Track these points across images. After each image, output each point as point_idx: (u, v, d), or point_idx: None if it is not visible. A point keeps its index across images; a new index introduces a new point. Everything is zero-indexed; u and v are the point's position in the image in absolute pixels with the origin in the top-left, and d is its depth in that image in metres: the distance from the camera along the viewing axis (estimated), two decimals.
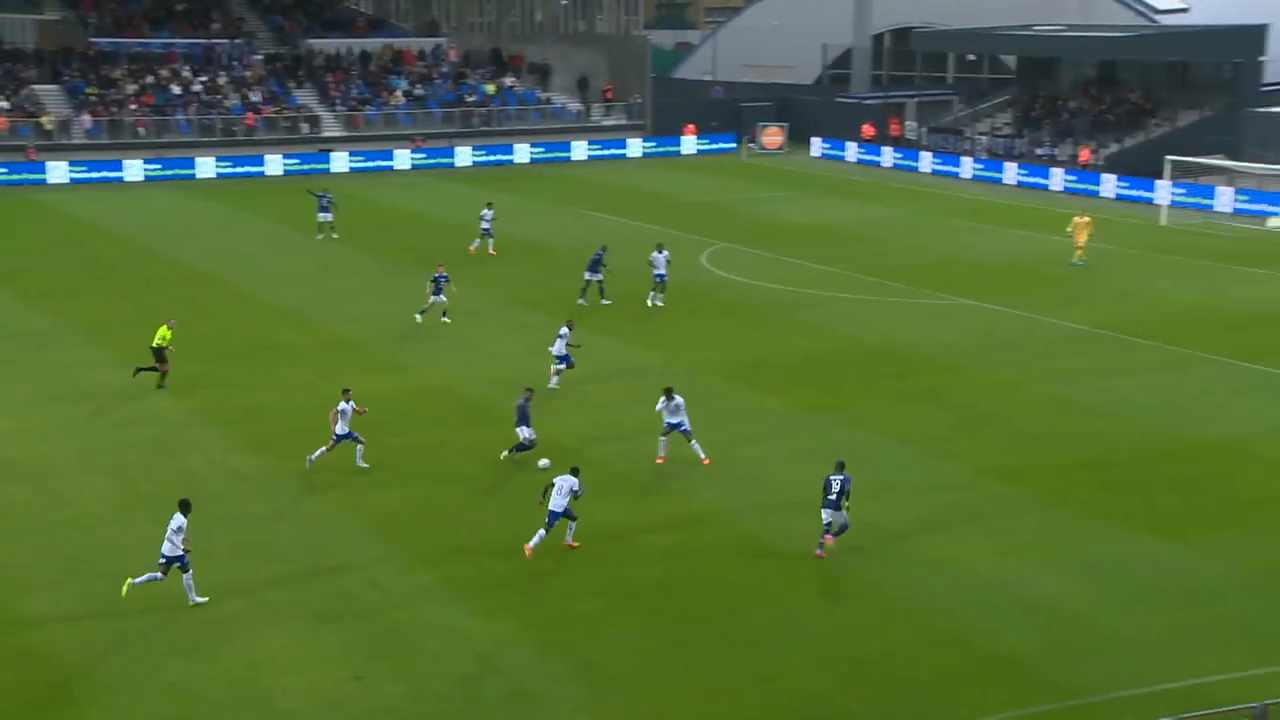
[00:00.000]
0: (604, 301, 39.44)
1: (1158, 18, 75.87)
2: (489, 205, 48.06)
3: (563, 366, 31.46)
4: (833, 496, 21.91)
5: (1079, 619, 19.93)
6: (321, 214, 50.71)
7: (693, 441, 26.25)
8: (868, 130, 76.04)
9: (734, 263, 44.71)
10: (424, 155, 72.18)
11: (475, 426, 29.02)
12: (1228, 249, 46.43)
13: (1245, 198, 53.89)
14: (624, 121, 79.33)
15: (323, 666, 18.84)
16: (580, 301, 39.40)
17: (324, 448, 26.05)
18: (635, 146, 76.81)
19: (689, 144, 78.28)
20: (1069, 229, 45.14)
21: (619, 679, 18.66)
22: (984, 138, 72.17)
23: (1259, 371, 31.89)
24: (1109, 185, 59.94)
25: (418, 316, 37.12)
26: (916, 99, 78.48)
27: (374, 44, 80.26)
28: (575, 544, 22.68)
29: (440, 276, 37.43)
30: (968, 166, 67.39)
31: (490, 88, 78.34)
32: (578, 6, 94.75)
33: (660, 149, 77.23)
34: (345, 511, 24.36)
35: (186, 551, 20.30)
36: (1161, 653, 18.89)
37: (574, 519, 22.54)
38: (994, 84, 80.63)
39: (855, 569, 21.78)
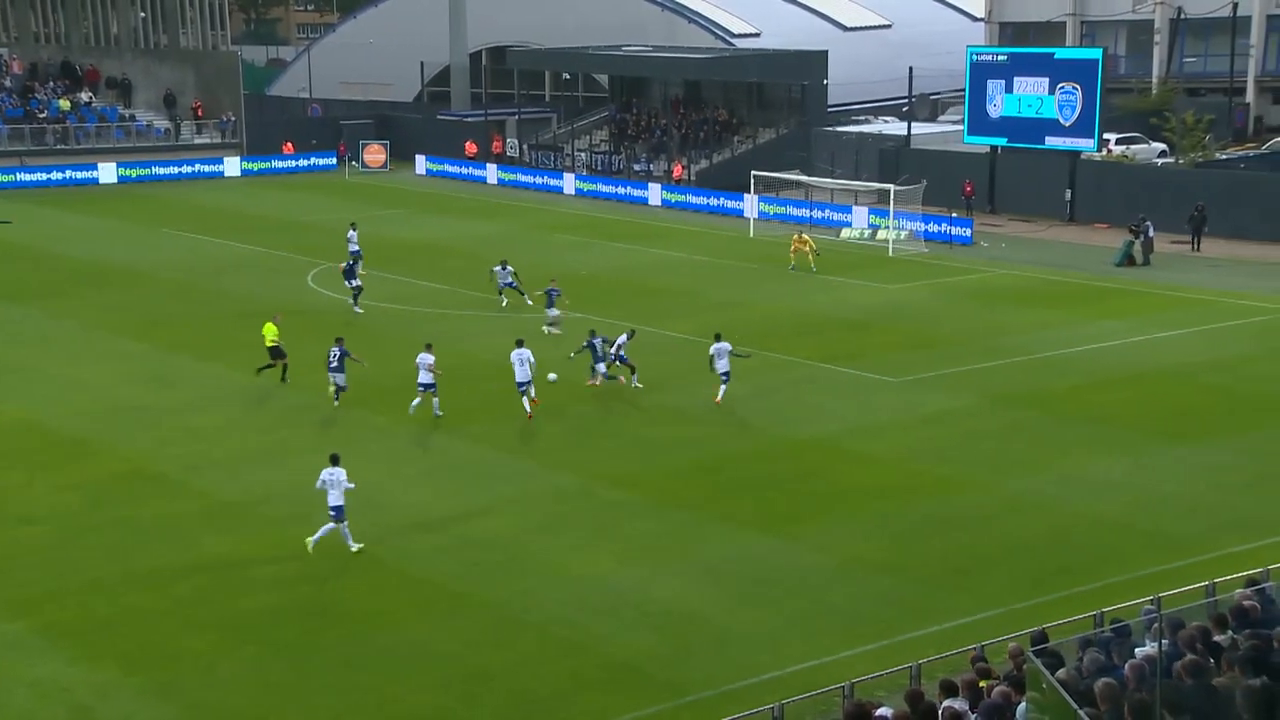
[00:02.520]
0: (356, 310, 39.72)
1: (734, 41, 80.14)
2: (353, 226, 46.63)
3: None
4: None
5: (694, 618, 20.66)
6: None
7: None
8: (470, 147, 76.47)
9: (341, 283, 43.88)
10: None
11: (67, 462, 27.23)
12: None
13: (821, 210, 57.66)
14: (218, 140, 76.42)
15: None
16: (357, 310, 39.49)
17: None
18: (233, 165, 74.17)
19: (289, 163, 76.35)
20: (791, 249, 47.37)
21: (233, 717, 17.89)
22: (583, 154, 74.01)
23: (839, 372, 34.12)
24: (701, 199, 62.73)
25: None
26: (517, 116, 79.61)
27: None
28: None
29: (553, 290, 37.76)
30: (570, 182, 68.91)
31: (64, 103, 73.67)
32: (158, 19, 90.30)
33: (259, 168, 74.92)
34: None
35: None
36: (769, 644, 19.82)
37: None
38: (590, 102, 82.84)
39: (478, 585, 21.77)
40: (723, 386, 30.55)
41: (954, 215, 54.06)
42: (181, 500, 25.23)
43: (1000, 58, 59.07)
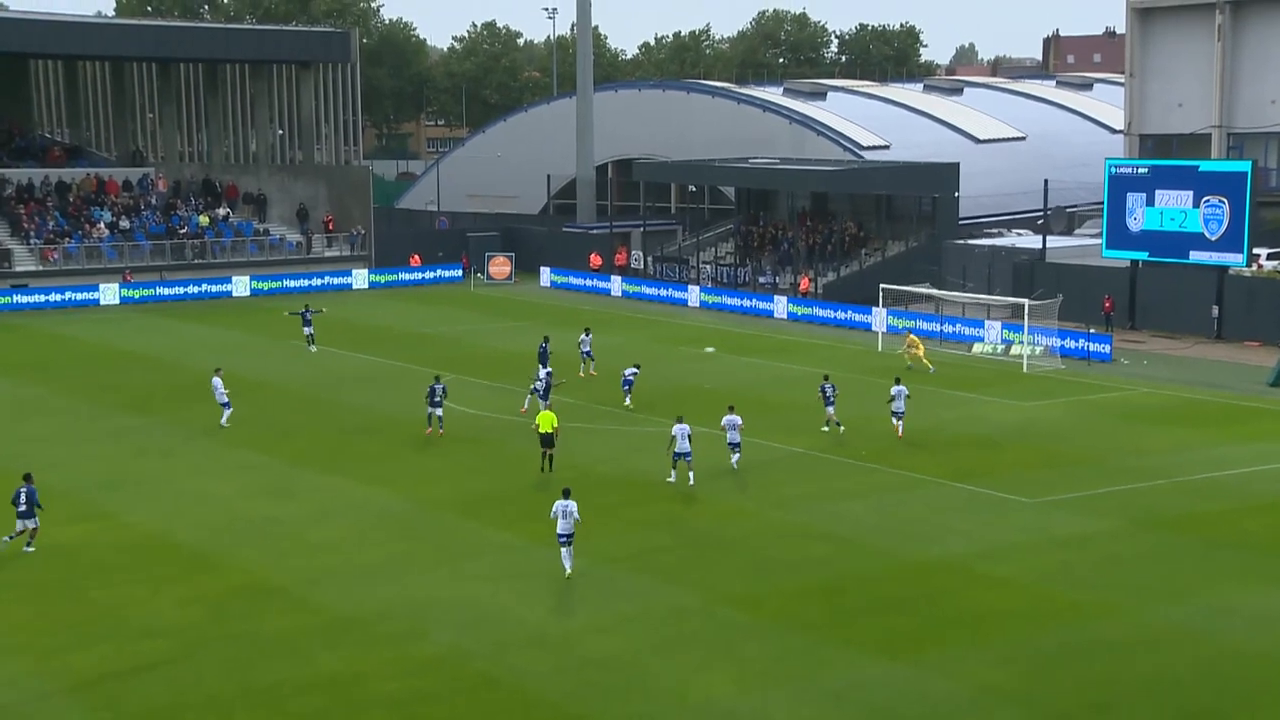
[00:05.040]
0: (560, 380, 42.56)
1: (863, 154, 79.96)
2: (587, 331, 48.87)
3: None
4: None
5: None
6: (306, 327, 53.18)
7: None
8: (595, 259, 77.08)
9: (464, 395, 44.08)
10: (133, 289, 69.31)
11: (191, 574, 27.30)
12: (938, 374, 48.45)
13: (953, 325, 56.62)
14: (347, 252, 78.20)
15: None
16: (561, 381, 42.36)
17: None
18: (361, 278, 75.70)
19: (415, 275, 77.67)
20: (905, 348, 49.90)
21: None
22: (708, 266, 74.09)
23: (970, 491, 33.06)
24: (828, 312, 62.14)
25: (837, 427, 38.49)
26: (642, 228, 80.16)
27: (74, 173, 77.02)
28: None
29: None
30: (695, 295, 68.91)
31: (203, 219, 76.08)
32: (294, 136, 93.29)
33: (386, 280, 76.31)
34: (40, 674, 22.34)
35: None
36: None
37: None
38: (715, 214, 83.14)
39: (595, 706, 21.15)
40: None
41: (1092, 331, 52.66)
42: (300, 615, 25.06)
43: (1141, 170, 57.95)
